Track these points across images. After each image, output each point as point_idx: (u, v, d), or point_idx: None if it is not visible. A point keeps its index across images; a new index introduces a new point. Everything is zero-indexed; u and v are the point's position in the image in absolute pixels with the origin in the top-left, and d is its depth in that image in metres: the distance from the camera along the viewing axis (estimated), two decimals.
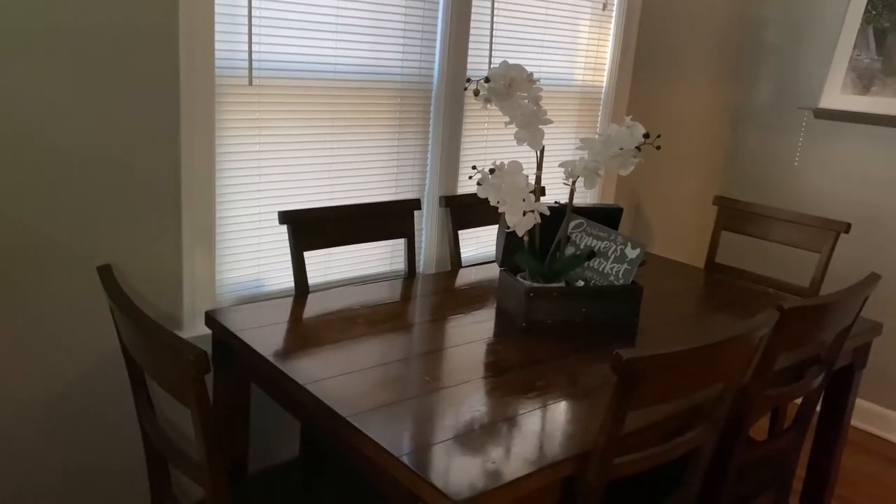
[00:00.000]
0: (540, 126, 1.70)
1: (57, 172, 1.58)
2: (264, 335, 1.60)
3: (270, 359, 1.49)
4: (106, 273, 1.38)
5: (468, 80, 1.70)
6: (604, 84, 2.74)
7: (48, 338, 1.65)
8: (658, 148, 1.73)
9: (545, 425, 1.33)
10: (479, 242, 2.50)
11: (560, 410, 1.39)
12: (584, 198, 2.81)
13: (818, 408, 2.07)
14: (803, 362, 1.76)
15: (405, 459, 1.17)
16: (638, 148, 1.72)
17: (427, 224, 2.35)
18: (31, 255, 1.59)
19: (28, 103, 1.51)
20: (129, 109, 1.64)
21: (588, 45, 2.64)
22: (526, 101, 1.69)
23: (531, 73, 1.69)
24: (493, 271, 2.18)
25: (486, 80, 1.67)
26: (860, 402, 3.03)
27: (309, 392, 1.37)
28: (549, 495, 1.25)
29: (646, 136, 1.71)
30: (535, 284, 1.78)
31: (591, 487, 1.23)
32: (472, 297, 1.96)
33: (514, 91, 1.67)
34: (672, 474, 1.53)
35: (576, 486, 1.25)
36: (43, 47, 1.50)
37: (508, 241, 1.87)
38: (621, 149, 1.71)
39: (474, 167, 1.74)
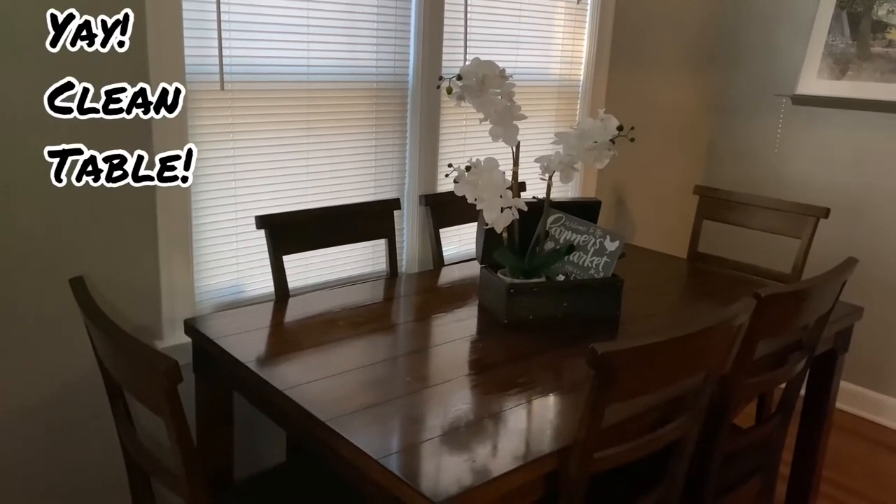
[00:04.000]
0: (514, 122, 1.70)
1: (26, 182, 1.56)
2: (244, 341, 1.59)
3: (250, 365, 1.48)
4: (78, 285, 1.37)
5: (440, 78, 1.69)
6: (581, 77, 2.74)
7: (25, 350, 1.63)
8: (632, 140, 1.73)
9: (529, 421, 1.33)
10: (461, 240, 2.50)
11: (543, 405, 1.39)
12: (564, 192, 2.81)
13: (803, 393, 2.08)
14: (785, 348, 1.76)
15: (384, 462, 1.16)
16: (612, 140, 1.72)
17: (408, 223, 2.34)
18: (3, 266, 1.57)
19: None
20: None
21: (564, 38, 2.63)
22: (499, 97, 1.69)
23: (503, 69, 1.68)
24: (476, 269, 2.17)
25: (459, 77, 1.66)
26: (846, 385, 3.05)
27: (288, 397, 1.36)
28: (532, 491, 1.25)
29: (620, 128, 1.71)
30: (516, 280, 1.78)
31: (573, 482, 1.22)
32: (454, 296, 1.96)
33: (486, 88, 1.66)
34: (658, 465, 1.53)
35: (559, 481, 1.25)
36: (11, 52, 1.49)
37: (488, 238, 1.86)
38: (596, 142, 1.71)
39: (450, 165, 1.74)
